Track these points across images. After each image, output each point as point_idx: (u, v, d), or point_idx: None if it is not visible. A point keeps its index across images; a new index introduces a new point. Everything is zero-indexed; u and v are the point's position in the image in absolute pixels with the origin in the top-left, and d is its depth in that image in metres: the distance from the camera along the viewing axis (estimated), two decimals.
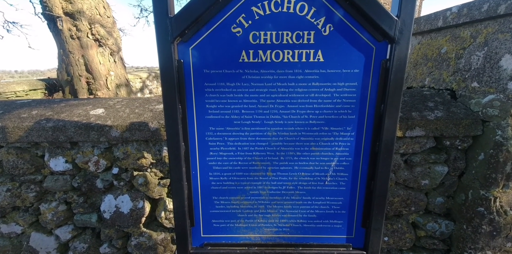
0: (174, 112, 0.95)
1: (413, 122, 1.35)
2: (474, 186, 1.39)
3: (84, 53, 5.10)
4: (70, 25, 4.92)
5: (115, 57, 5.59)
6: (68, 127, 1.38)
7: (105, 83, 5.34)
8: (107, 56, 5.39)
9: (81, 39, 5.01)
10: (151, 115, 1.46)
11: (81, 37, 5.00)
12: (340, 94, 0.95)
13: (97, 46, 5.21)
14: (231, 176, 1.06)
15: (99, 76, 5.25)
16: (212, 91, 0.96)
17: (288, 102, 0.97)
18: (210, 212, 1.09)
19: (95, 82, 5.22)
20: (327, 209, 1.08)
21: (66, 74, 5.23)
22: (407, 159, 1.46)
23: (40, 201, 1.56)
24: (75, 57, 5.06)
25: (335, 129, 0.99)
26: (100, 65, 5.29)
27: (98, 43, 5.21)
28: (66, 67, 5.21)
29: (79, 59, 5.09)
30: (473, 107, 1.40)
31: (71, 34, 4.94)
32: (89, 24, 5.03)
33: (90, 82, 5.22)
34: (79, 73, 5.14)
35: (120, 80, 5.76)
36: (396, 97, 0.93)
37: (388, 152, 0.97)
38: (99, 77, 5.25)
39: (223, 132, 1.00)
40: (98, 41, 5.19)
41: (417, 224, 1.56)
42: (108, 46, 5.34)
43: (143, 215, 1.56)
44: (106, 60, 5.37)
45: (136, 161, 1.47)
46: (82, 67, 5.14)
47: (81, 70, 5.14)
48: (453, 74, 1.56)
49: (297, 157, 1.03)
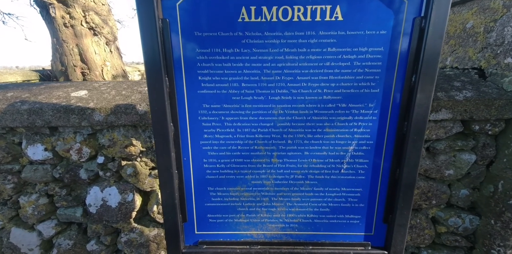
0: (160, 85, 0.78)
1: (439, 104, 1.18)
2: (505, 176, 1.22)
3: (78, 42, 4.90)
4: (63, 13, 4.71)
5: (111, 47, 5.39)
6: (46, 109, 1.21)
7: (101, 73, 5.15)
8: (102, 46, 5.19)
9: (75, 27, 4.81)
10: (139, 97, 1.29)
11: (75, 26, 4.80)
12: (362, 63, 0.78)
13: (91, 35, 5.01)
14: (229, 162, 0.89)
15: (94, 67, 5.06)
16: (205, 59, 0.79)
17: (298, 73, 0.79)
18: (205, 206, 0.93)
19: (90, 73, 5.03)
20: (342, 201, 0.92)
21: (60, 64, 5.04)
22: (429, 146, 1.29)
23: (19, 193, 1.41)
24: (69, 47, 4.87)
25: (354, 106, 0.82)
26: (96, 55, 5.09)
27: (92, 31, 5.00)
28: (60, 57, 5.01)
29: (73, 49, 4.90)
30: (506, 86, 1.22)
31: (64, 22, 4.74)
32: (83, 12, 4.81)
33: (85, 73, 5.03)
34: (74, 63, 4.95)
35: (116, 71, 5.56)
36: (432, 66, 0.75)
37: (419, 133, 0.80)
38: (94, 67, 5.06)
39: (219, 109, 0.84)
40: (92, 29, 4.98)
41: (438, 219, 1.40)
42: (104, 35, 5.13)
43: (133, 209, 1.40)
44: (101, 50, 5.18)
45: (124, 149, 1.31)
46: (76, 57, 4.95)
47: (76, 60, 4.95)
48: (482, 50, 1.38)
49: (307, 140, 0.86)
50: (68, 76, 5.03)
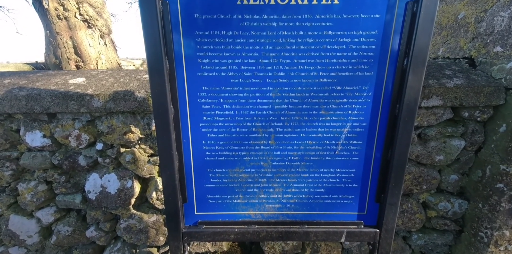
0: (160, 67, 0.80)
1: (430, 91, 1.22)
2: (493, 161, 1.27)
3: (72, 35, 4.84)
4: (57, 4, 4.64)
5: (106, 40, 5.33)
6: (44, 95, 1.22)
7: (96, 67, 5.10)
8: (97, 39, 5.13)
9: (69, 19, 4.74)
10: (138, 84, 1.30)
11: (69, 18, 4.73)
12: (356, 46, 0.81)
13: (86, 27, 4.94)
14: (228, 144, 0.92)
15: (89, 60, 5.01)
16: (205, 41, 0.81)
17: (295, 56, 0.82)
18: (204, 187, 0.96)
19: (84, 66, 4.98)
20: (337, 182, 0.96)
21: (54, 57, 4.98)
22: (421, 133, 1.33)
23: (18, 180, 1.42)
24: (62, 39, 4.80)
25: (349, 89, 0.85)
26: (90, 48, 5.04)
27: (87, 24, 4.94)
28: (53, 49, 4.95)
29: (67, 41, 4.84)
30: (495, 74, 1.27)
31: (57, 14, 4.67)
32: (76, 3, 4.74)
33: (80, 66, 4.97)
34: (68, 56, 4.89)
35: (111, 65, 5.51)
36: (423, 49, 0.78)
37: (411, 114, 0.84)
38: (89, 60, 5.01)
39: (218, 92, 0.86)
40: (87, 22, 4.91)
41: (428, 204, 1.45)
42: (98, 27, 5.07)
43: (132, 195, 1.42)
44: (96, 43, 5.12)
45: (123, 136, 1.33)
46: (70, 49, 4.89)
47: (70, 53, 4.90)
48: (472, 40, 1.42)
49: (304, 123, 0.89)
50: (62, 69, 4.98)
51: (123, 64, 6.73)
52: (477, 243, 1.37)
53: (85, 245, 1.53)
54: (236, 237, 0.98)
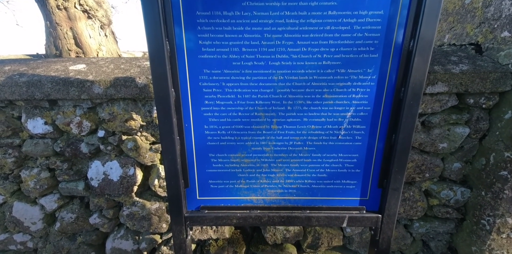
0: (160, 49, 0.79)
1: (435, 77, 1.19)
2: (497, 149, 1.26)
3: (72, 26, 4.79)
4: None
5: (106, 31, 5.27)
6: (44, 82, 1.21)
7: None
8: (97, 30, 5.07)
9: (69, 10, 4.68)
10: (138, 71, 1.29)
11: (68, 8, 4.67)
12: (362, 27, 0.79)
13: (86, 18, 4.88)
14: (230, 129, 0.91)
15: (89, 51, 4.96)
16: (206, 22, 0.79)
17: (298, 37, 0.80)
18: (206, 172, 0.96)
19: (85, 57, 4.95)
20: (339, 167, 0.95)
21: (55, 49, 4.93)
22: (425, 120, 1.32)
23: (21, 167, 1.43)
24: (63, 30, 4.75)
25: (353, 72, 0.84)
26: (90, 39, 4.98)
27: (87, 14, 4.87)
28: (54, 40, 4.90)
29: (67, 32, 4.79)
30: (501, 60, 1.24)
31: (57, 4, 4.60)
32: None
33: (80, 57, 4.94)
34: (68, 47, 4.85)
35: (112, 56, 5.48)
36: (430, 29, 0.76)
37: (416, 98, 0.82)
38: (89, 51, 4.97)
39: (220, 75, 0.85)
40: (86, 12, 4.84)
41: (430, 192, 1.45)
42: (98, 18, 5.00)
43: (134, 183, 1.43)
44: (96, 34, 5.06)
45: (124, 123, 1.32)
46: (71, 40, 4.85)
47: (70, 44, 4.85)
48: (479, 26, 1.38)
49: (307, 107, 0.88)
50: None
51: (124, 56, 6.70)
52: (479, 231, 1.37)
53: (89, 232, 1.55)
54: (238, 222, 0.98)
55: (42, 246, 1.56)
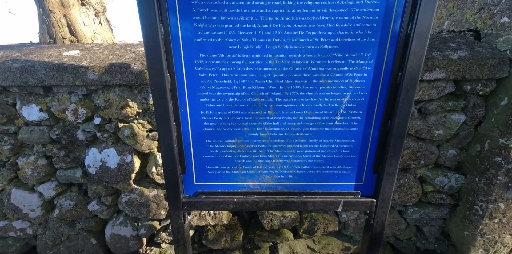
0: (155, 33, 0.77)
1: (433, 63, 1.19)
2: (492, 135, 1.27)
3: (66, 13, 4.67)
4: None
5: (100, 18, 5.15)
6: (38, 68, 1.19)
7: None
8: (91, 17, 4.95)
9: None
10: (133, 57, 1.27)
11: None
12: (360, 9, 0.77)
13: (79, 5, 4.75)
14: (226, 115, 0.91)
15: (84, 39, 4.86)
16: (201, 4, 0.77)
17: (295, 20, 0.79)
18: (203, 157, 0.96)
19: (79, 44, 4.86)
20: (335, 153, 0.96)
21: (48, 37, 4.83)
22: (421, 107, 1.32)
23: (17, 155, 1.42)
24: (56, 17, 4.64)
25: (350, 56, 0.83)
26: (85, 27, 4.87)
27: (80, 1, 4.76)
28: (47, 28, 4.79)
29: (61, 20, 4.67)
30: (500, 46, 1.23)
31: None
32: None
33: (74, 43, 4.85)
34: (62, 35, 4.75)
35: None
36: (428, 13, 0.75)
37: (413, 82, 0.82)
38: (84, 40, 4.87)
39: (215, 59, 0.83)
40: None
41: (425, 179, 1.47)
42: (92, 5, 4.87)
43: (132, 170, 1.43)
44: (90, 22, 4.95)
45: (120, 110, 1.31)
46: (65, 28, 4.74)
47: (64, 32, 4.75)
48: (479, 11, 1.37)
49: (303, 92, 0.88)
50: None
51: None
52: (472, 216, 1.40)
53: (88, 219, 1.56)
54: (235, 207, 0.99)
55: (42, 233, 1.58)
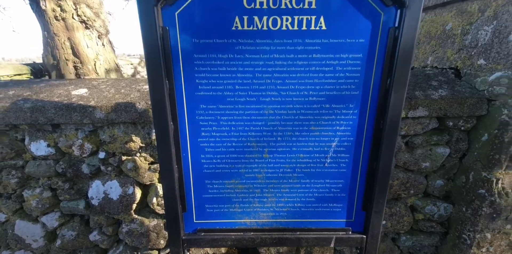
0: (161, 87, 0.86)
1: (416, 102, 1.28)
2: (475, 168, 1.35)
3: (70, 36, 4.85)
4: (54, 5, 4.64)
5: (103, 40, 5.34)
6: (48, 107, 1.28)
7: (94, 68, 5.13)
8: (94, 39, 5.14)
9: (66, 20, 4.75)
10: (138, 96, 1.36)
11: (66, 19, 4.74)
12: (343, 68, 0.87)
13: (83, 28, 4.95)
14: (224, 158, 0.98)
15: (87, 61, 5.03)
16: (202, 64, 0.86)
17: (286, 76, 0.88)
18: (203, 197, 1.03)
19: (83, 67, 5.00)
20: (326, 192, 1.03)
21: (52, 58, 4.99)
22: (408, 141, 1.40)
23: (23, 187, 1.48)
24: (60, 40, 4.81)
25: (336, 106, 0.92)
26: (88, 49, 5.05)
27: (84, 25, 4.95)
28: (51, 50, 4.96)
29: (65, 42, 4.85)
30: (478, 85, 1.33)
31: (55, 15, 4.67)
32: (74, 4, 4.75)
33: (78, 67, 5.00)
34: (66, 57, 4.90)
35: (109, 65, 5.54)
36: (404, 70, 0.85)
37: (393, 130, 0.91)
38: (87, 61, 5.03)
39: (215, 110, 0.92)
40: (84, 23, 4.92)
41: (416, 207, 1.53)
42: (95, 28, 5.08)
43: (133, 201, 1.49)
44: (93, 44, 5.13)
45: (124, 145, 1.38)
46: (68, 50, 4.91)
47: (68, 54, 4.91)
48: (458, 51, 1.48)
49: (295, 137, 0.96)
50: (60, 70, 5.00)
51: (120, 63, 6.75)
52: (461, 245, 1.45)
53: (89, 248, 1.60)
54: (232, 243, 1.04)
55: None
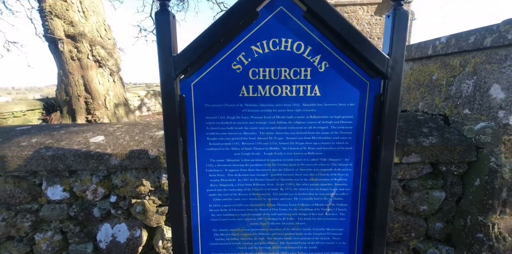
0: (175, 145, 0.97)
1: (409, 149, 1.38)
2: (472, 212, 1.39)
3: (83, 74, 5.18)
4: (71, 47, 5.03)
5: (115, 77, 5.67)
6: (68, 155, 1.38)
7: (104, 103, 5.38)
8: (106, 77, 5.47)
9: (82, 60, 5.11)
10: (151, 143, 1.47)
11: (82, 59, 5.10)
12: (337, 127, 0.98)
13: (97, 67, 5.30)
14: (231, 207, 1.06)
15: (97, 96, 5.30)
16: (213, 124, 0.98)
17: (287, 134, 0.99)
18: (209, 245, 1.08)
19: (93, 102, 5.26)
20: (327, 240, 1.08)
21: (65, 95, 5.27)
22: (405, 185, 1.47)
23: (35, 230, 1.53)
24: (74, 78, 5.13)
25: (333, 160, 1.01)
26: (99, 85, 5.35)
27: (98, 64, 5.30)
28: (65, 87, 5.26)
29: (78, 80, 5.16)
30: (466, 133, 1.44)
31: (71, 56, 5.04)
32: (90, 46, 5.15)
33: (89, 102, 5.25)
34: (78, 93, 5.18)
35: (118, 100, 5.80)
36: (391, 129, 0.95)
37: (386, 182, 0.99)
38: (97, 97, 5.30)
39: (223, 163, 1.02)
40: (98, 62, 5.29)
41: (418, 250, 1.54)
42: (108, 67, 5.43)
43: (140, 244, 1.52)
44: (105, 81, 5.44)
45: (135, 189, 1.46)
46: (81, 87, 5.20)
47: (80, 90, 5.19)
48: (445, 100, 1.61)
49: (296, 188, 1.04)
50: (72, 106, 5.24)
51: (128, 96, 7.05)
52: None
53: None
54: None
55: None
